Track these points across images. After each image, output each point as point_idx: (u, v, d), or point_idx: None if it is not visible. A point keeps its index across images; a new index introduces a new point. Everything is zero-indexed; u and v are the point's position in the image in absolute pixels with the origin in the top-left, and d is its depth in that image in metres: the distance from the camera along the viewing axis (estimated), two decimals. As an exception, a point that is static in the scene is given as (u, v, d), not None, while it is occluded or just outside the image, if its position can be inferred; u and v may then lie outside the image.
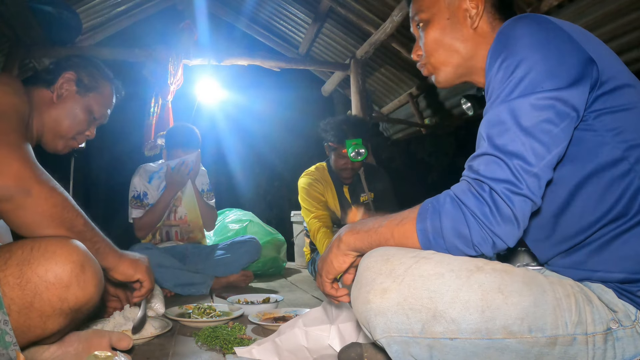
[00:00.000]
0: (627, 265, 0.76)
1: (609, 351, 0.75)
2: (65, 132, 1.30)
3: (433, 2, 0.95)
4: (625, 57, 2.99)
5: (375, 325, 0.76)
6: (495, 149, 0.74)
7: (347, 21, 4.08)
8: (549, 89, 0.73)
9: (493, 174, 0.73)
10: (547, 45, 0.75)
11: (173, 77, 3.74)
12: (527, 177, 0.72)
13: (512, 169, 0.72)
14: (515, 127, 0.73)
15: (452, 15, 0.93)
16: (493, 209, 0.73)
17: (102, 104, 1.37)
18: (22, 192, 0.91)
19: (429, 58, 0.97)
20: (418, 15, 0.97)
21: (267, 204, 8.17)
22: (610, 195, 0.77)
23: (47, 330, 0.91)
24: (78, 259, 0.92)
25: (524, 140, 0.73)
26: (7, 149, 0.93)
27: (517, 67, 0.75)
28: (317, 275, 0.98)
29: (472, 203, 0.74)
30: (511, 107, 0.74)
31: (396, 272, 0.76)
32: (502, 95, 0.76)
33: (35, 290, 0.87)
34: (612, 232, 0.78)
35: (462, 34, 0.93)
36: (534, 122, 0.73)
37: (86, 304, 0.94)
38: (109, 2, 4.03)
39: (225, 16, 4.80)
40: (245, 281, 2.54)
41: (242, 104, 5.99)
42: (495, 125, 0.76)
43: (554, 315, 0.73)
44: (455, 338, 0.73)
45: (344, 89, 5.07)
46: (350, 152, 2.44)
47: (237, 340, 1.33)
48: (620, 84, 0.78)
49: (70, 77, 1.30)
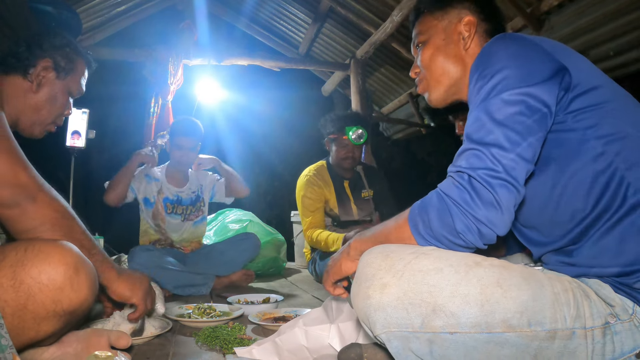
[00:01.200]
0: (620, 258, 0.77)
1: (607, 345, 0.75)
2: (45, 118, 1.29)
3: (431, 25, 1.05)
4: (625, 57, 2.99)
5: (375, 321, 0.77)
6: (473, 143, 0.80)
7: (347, 21, 4.08)
8: (519, 86, 0.79)
9: (472, 164, 0.78)
10: (520, 56, 0.83)
11: (173, 77, 3.74)
12: (504, 162, 0.76)
13: (489, 156, 0.77)
14: (490, 122, 0.79)
15: (447, 37, 1.03)
16: (472, 194, 0.76)
17: (79, 81, 1.37)
18: (28, 199, 0.97)
19: (425, 75, 1.05)
20: (418, 38, 1.07)
21: (267, 204, 8.17)
22: (595, 190, 0.79)
23: (41, 332, 0.90)
24: (72, 261, 0.91)
25: (498, 130, 0.78)
26: (10, 158, 0.97)
27: (493, 76, 0.82)
28: (324, 272, 1.05)
29: (453, 192, 0.78)
30: (486, 106, 0.81)
31: (396, 268, 0.77)
32: (479, 99, 0.83)
33: (29, 292, 0.86)
34: (602, 227, 0.79)
35: (454, 54, 1.02)
36: (506, 114, 0.78)
37: (80, 306, 0.93)
38: (109, 2, 4.03)
39: (225, 16, 4.80)
40: (247, 280, 2.54)
41: (242, 104, 5.99)
42: (473, 124, 0.82)
43: (552, 310, 0.74)
44: (455, 332, 0.73)
45: (344, 89, 5.07)
46: (352, 135, 2.56)
47: (237, 340, 1.33)
48: (594, 85, 0.83)
49: (48, 64, 1.27)
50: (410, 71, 1.11)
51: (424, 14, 1.06)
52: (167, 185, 2.57)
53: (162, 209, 2.53)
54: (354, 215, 2.71)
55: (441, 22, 1.04)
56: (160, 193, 2.54)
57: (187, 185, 2.63)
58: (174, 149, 2.55)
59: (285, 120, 7.45)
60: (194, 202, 2.62)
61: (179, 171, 2.62)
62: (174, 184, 2.59)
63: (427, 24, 1.05)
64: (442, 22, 1.04)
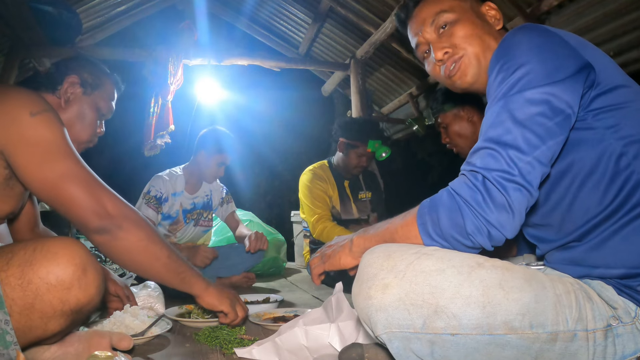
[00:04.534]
0: (626, 260, 0.77)
1: (609, 347, 0.75)
2: (77, 135, 1.31)
3: (456, 5, 1.00)
4: (625, 57, 2.99)
5: (377, 321, 0.77)
6: (490, 142, 0.77)
7: (347, 21, 4.08)
8: (543, 84, 0.76)
9: (487, 165, 0.76)
10: (545, 49, 0.79)
11: (173, 77, 3.74)
12: (521, 165, 0.74)
13: (506, 157, 0.74)
14: (510, 120, 0.76)
15: (479, 16, 1.00)
16: (485, 196, 0.74)
17: (107, 98, 1.40)
18: (116, 227, 1.04)
19: (463, 51, 0.97)
20: (441, 17, 1.00)
21: (267, 204, 8.18)
22: (611, 191, 0.78)
23: (48, 331, 0.91)
24: (80, 261, 0.92)
25: (517, 131, 0.75)
26: (92, 188, 1.03)
27: (516, 69, 0.78)
28: (315, 257, 1.02)
29: (465, 193, 0.76)
30: (507, 103, 0.77)
31: (398, 268, 0.77)
32: (500, 94, 0.80)
33: (37, 291, 0.87)
34: (611, 227, 0.78)
35: (491, 32, 0.99)
36: (528, 115, 0.76)
37: (87, 305, 0.94)
38: (109, 2, 4.03)
39: (225, 16, 4.80)
40: (248, 282, 2.53)
41: (242, 104, 5.99)
42: (492, 120, 0.78)
43: (554, 312, 0.74)
44: (456, 334, 0.73)
45: (344, 89, 5.07)
46: (380, 153, 2.63)
47: (237, 340, 1.33)
48: (616, 85, 0.81)
49: (75, 80, 1.31)
50: (437, 52, 0.99)
51: None
52: (186, 194, 2.52)
53: (182, 220, 2.51)
54: (354, 214, 2.74)
55: (465, 2, 1.01)
56: (181, 206, 2.50)
57: (200, 189, 2.60)
58: (212, 164, 2.47)
59: (285, 120, 7.45)
60: (205, 206, 2.61)
61: (197, 178, 2.56)
62: (189, 190, 2.54)
63: (450, 2, 1.01)
64: (466, 2, 1.01)
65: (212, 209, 2.65)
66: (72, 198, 1.00)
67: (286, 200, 7.62)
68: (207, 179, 2.54)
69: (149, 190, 2.40)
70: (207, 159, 2.48)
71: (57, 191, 1.00)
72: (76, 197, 1.00)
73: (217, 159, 2.47)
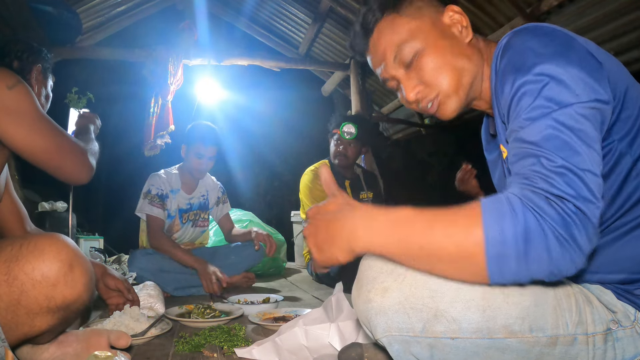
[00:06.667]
0: (627, 265, 0.77)
1: (609, 351, 0.75)
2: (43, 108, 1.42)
3: (417, 26, 0.87)
4: (625, 57, 3.00)
5: (376, 325, 0.76)
6: (562, 165, 0.64)
7: (347, 21, 4.08)
8: (590, 100, 0.68)
9: (578, 193, 0.62)
10: (571, 52, 0.71)
11: (173, 77, 3.74)
12: (595, 188, 0.63)
13: (587, 182, 0.63)
14: (574, 139, 0.65)
15: (444, 34, 0.87)
16: (579, 231, 0.61)
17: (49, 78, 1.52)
18: None
19: (434, 86, 0.87)
20: (404, 50, 0.87)
21: (267, 204, 8.17)
22: (619, 199, 0.77)
23: (35, 327, 0.91)
24: (66, 257, 0.91)
25: (584, 150, 0.65)
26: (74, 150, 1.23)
27: (549, 80, 0.69)
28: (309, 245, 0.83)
29: (560, 224, 0.61)
30: (559, 117, 0.67)
31: (397, 271, 0.76)
32: (538, 106, 0.69)
33: (22, 287, 0.87)
34: (613, 232, 0.78)
35: (462, 50, 0.87)
36: (586, 130, 0.66)
37: (74, 302, 0.93)
38: (109, 2, 4.03)
39: (225, 16, 4.80)
40: (248, 283, 2.53)
41: (242, 104, 5.99)
42: (550, 136, 0.66)
43: (554, 315, 0.73)
44: (456, 337, 0.73)
45: (344, 89, 5.07)
46: (343, 129, 2.70)
47: (237, 340, 1.33)
48: (626, 87, 0.76)
49: (39, 69, 1.43)
50: (409, 94, 0.89)
51: (392, 17, 0.89)
52: (182, 193, 2.51)
53: (178, 220, 2.51)
54: None
55: (420, 20, 0.87)
56: (178, 205, 2.49)
57: (197, 189, 2.58)
58: (191, 157, 2.43)
59: (285, 120, 7.45)
60: (202, 207, 2.60)
61: (189, 176, 2.54)
62: (186, 190, 2.53)
63: (408, 26, 0.87)
64: (421, 20, 0.87)
65: (208, 208, 2.64)
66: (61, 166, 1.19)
67: (286, 200, 7.62)
68: (193, 173, 2.51)
69: (149, 190, 2.39)
70: (186, 152, 2.47)
71: (47, 156, 1.16)
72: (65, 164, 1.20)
73: (193, 149, 2.42)
